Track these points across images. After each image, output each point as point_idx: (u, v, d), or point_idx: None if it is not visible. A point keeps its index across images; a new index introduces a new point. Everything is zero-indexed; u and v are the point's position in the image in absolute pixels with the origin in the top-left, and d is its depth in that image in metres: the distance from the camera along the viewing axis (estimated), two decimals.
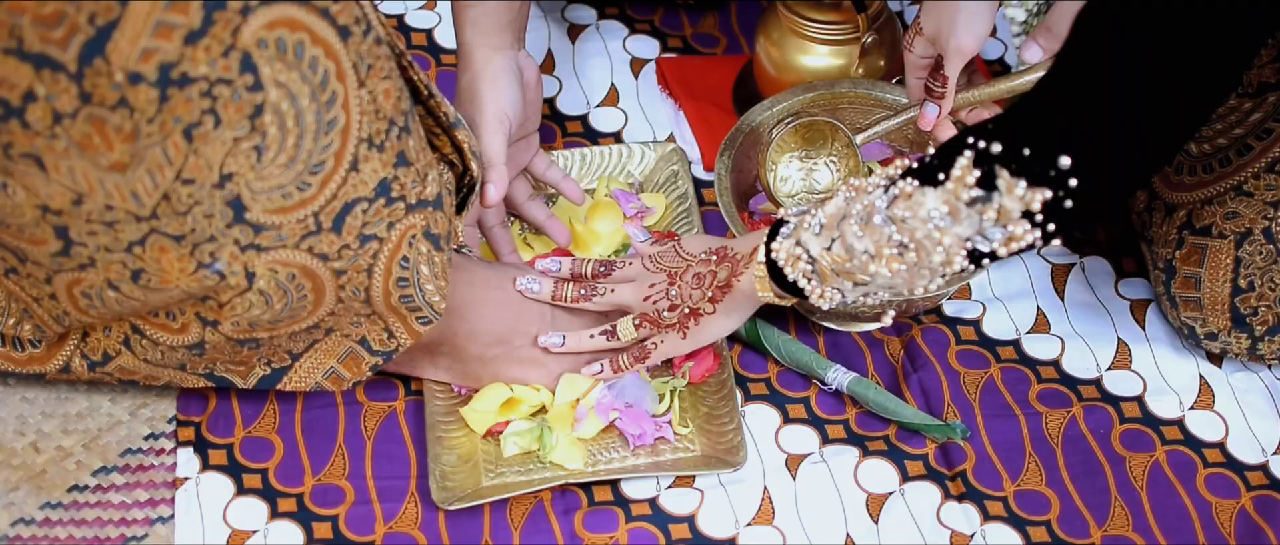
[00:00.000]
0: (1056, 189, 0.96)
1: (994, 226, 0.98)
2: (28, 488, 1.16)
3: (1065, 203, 0.96)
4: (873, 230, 1.03)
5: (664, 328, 1.18)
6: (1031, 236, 0.98)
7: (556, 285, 1.21)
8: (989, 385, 1.25)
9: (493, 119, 1.22)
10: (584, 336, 1.21)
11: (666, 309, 1.17)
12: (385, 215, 1.03)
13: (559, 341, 1.21)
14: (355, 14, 0.95)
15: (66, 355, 1.13)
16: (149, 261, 0.97)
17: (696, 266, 1.17)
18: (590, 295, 1.21)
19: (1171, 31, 0.94)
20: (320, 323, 1.09)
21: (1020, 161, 0.96)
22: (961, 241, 1.00)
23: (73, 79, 0.85)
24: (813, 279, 1.08)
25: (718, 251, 1.16)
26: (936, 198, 1.00)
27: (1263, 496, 1.19)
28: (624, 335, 1.19)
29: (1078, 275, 1.35)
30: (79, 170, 0.90)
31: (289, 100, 0.93)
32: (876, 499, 1.18)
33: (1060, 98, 0.98)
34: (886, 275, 1.03)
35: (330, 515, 1.15)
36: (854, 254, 1.04)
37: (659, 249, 1.22)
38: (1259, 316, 1.22)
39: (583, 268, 1.23)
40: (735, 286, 1.14)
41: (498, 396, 1.20)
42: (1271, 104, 1.21)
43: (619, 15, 1.58)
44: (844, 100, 1.35)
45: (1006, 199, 0.97)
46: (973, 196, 0.98)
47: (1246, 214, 1.20)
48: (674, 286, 1.17)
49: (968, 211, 0.99)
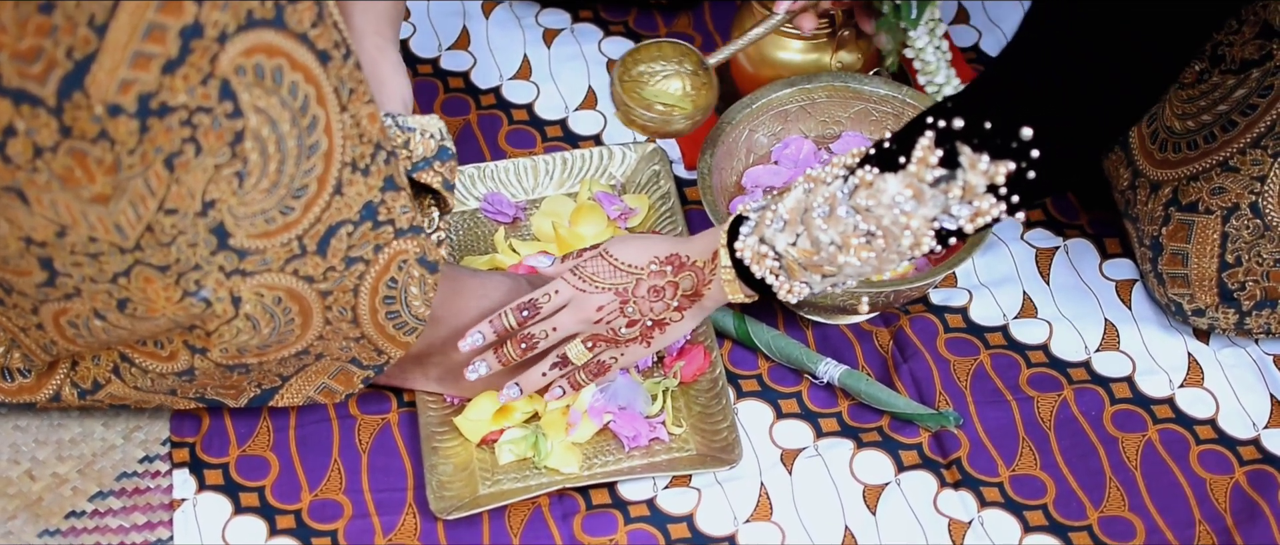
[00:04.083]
0: (1019, 161, 0.97)
1: (959, 204, 0.99)
2: (25, 516, 1.16)
3: (1028, 174, 0.97)
4: (837, 222, 1.03)
5: (623, 343, 1.18)
6: (997, 210, 0.99)
7: (496, 351, 1.18)
8: (979, 372, 1.26)
9: (399, 104, 1.22)
10: (536, 375, 1.18)
11: (624, 325, 1.16)
12: (371, 238, 1.03)
13: (516, 393, 1.18)
14: (334, 38, 0.95)
15: (56, 384, 1.13)
16: (135, 292, 0.97)
17: (649, 279, 1.15)
18: (535, 342, 1.17)
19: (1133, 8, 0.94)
20: (309, 348, 1.09)
21: (982, 136, 0.97)
22: (928, 222, 1.00)
23: (52, 113, 0.85)
24: (780, 275, 1.08)
25: (670, 260, 1.15)
26: (899, 182, 1.00)
27: (1256, 470, 1.20)
28: (577, 359, 1.17)
29: (1062, 258, 1.36)
30: (61, 203, 0.90)
31: (269, 126, 0.93)
32: (873, 490, 1.18)
33: (1020, 70, 0.98)
34: (856, 264, 1.03)
35: (329, 530, 1.15)
36: (821, 247, 1.04)
37: (576, 263, 1.18)
38: (1246, 291, 1.22)
39: (504, 320, 1.17)
40: (705, 294, 1.14)
41: (490, 404, 1.20)
42: (1255, 79, 1.22)
43: (593, 18, 1.58)
44: (821, 94, 1.35)
45: (970, 175, 0.98)
46: (936, 176, 0.99)
47: (1233, 189, 1.21)
48: (629, 304, 1.15)
49: (932, 192, 0.99)
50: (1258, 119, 1.20)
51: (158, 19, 0.85)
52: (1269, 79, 1.20)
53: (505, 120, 1.48)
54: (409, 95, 1.24)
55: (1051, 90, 0.96)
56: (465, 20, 1.58)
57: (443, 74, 1.53)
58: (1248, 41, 1.22)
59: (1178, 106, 1.25)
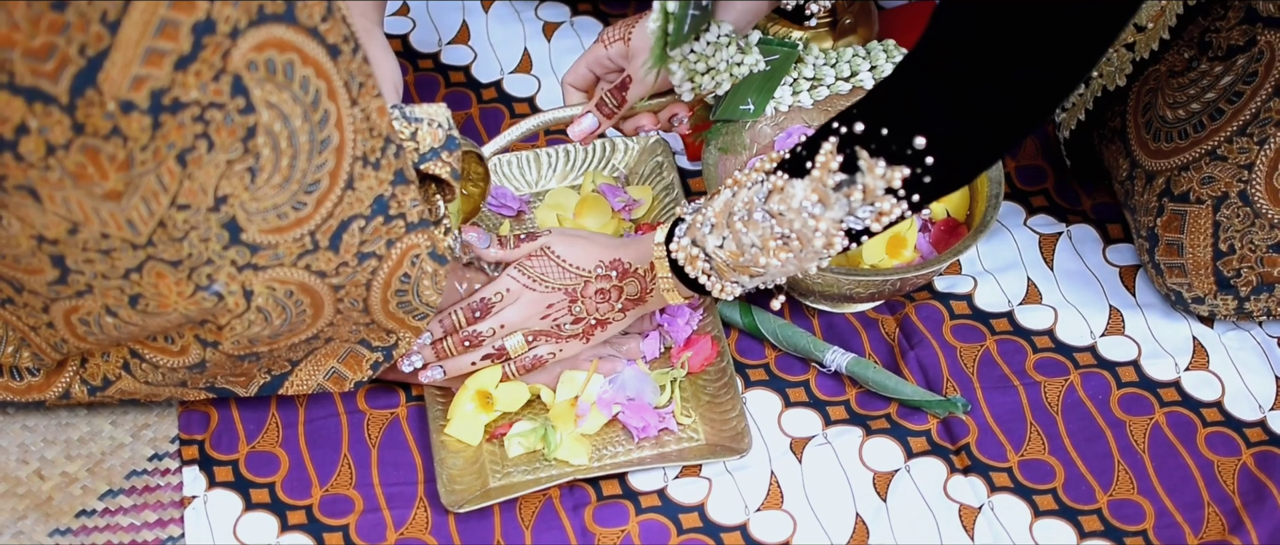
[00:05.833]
0: (914, 167, 0.98)
1: (862, 205, 1.01)
2: (36, 516, 1.16)
3: (924, 178, 0.98)
4: (755, 226, 1.05)
5: (564, 339, 1.19)
6: (900, 209, 1.00)
7: (434, 349, 1.19)
8: (985, 358, 1.26)
9: (390, 86, 1.24)
10: (464, 362, 1.19)
11: (570, 323, 1.18)
12: (383, 233, 1.04)
13: (440, 374, 1.19)
14: (344, 32, 0.95)
15: (66, 382, 1.13)
16: (146, 287, 0.97)
17: (597, 282, 1.18)
18: (480, 339, 1.18)
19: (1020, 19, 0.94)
20: (320, 333, 1.09)
21: (879, 141, 0.98)
22: (836, 224, 1.02)
23: (65, 111, 0.85)
24: (712, 276, 1.10)
25: (614, 264, 1.18)
26: (805, 187, 1.02)
27: (1263, 452, 1.20)
28: (514, 351, 1.19)
29: (1065, 244, 1.36)
30: (74, 200, 0.90)
31: (281, 121, 0.93)
32: (883, 477, 1.19)
33: (917, 80, 1.00)
34: (777, 265, 1.05)
35: (340, 525, 1.16)
36: (744, 248, 1.06)
37: (521, 253, 1.19)
38: (1242, 278, 1.23)
39: (452, 318, 1.19)
40: (648, 299, 1.17)
41: (466, 403, 1.20)
42: (1240, 67, 1.22)
43: (592, 10, 1.58)
44: None
45: (868, 178, 0.99)
46: (837, 181, 1.00)
47: (1222, 178, 1.21)
48: (577, 303, 1.18)
49: (836, 196, 1.01)
50: (1243, 106, 1.21)
51: (170, 15, 0.85)
52: (1254, 65, 1.21)
53: (507, 114, 1.48)
54: (399, 77, 1.25)
55: (943, 102, 0.98)
56: (465, 15, 1.58)
57: (443, 69, 1.53)
58: (1233, 27, 1.23)
59: (1169, 95, 1.26)
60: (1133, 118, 1.29)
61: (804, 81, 1.30)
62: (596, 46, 1.24)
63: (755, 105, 1.28)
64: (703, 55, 1.20)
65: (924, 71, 0.99)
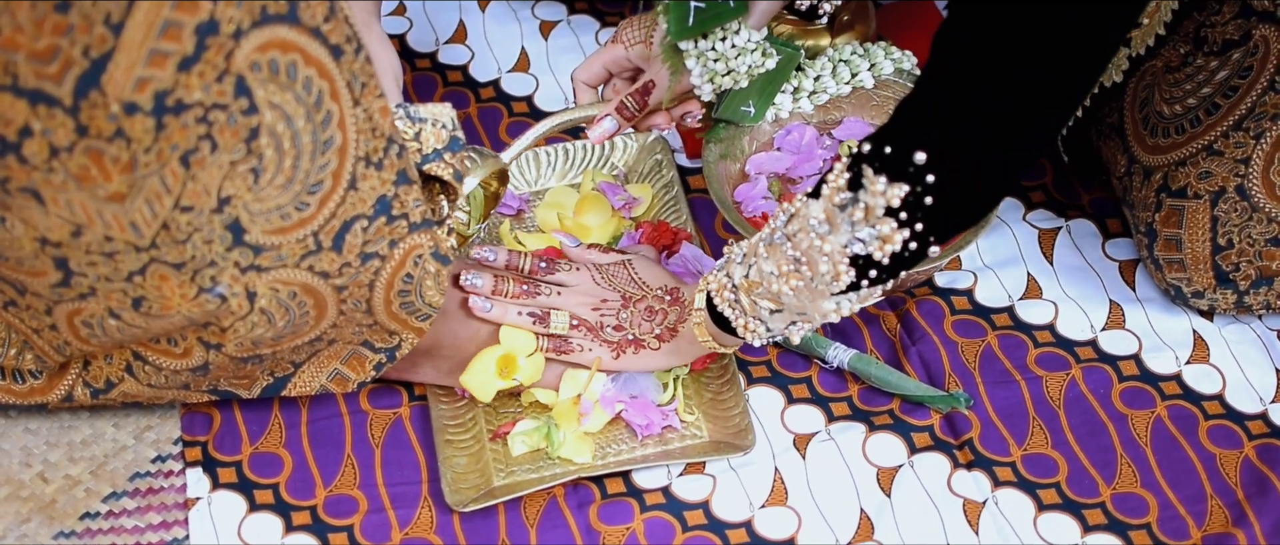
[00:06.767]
0: (914, 184, 0.97)
1: (864, 226, 1.00)
2: (40, 518, 1.16)
3: (925, 199, 0.98)
4: (774, 249, 1.05)
5: (600, 340, 1.19)
6: (901, 236, 0.99)
7: (495, 281, 1.20)
8: (987, 353, 1.27)
9: (390, 77, 1.24)
10: (511, 311, 1.20)
11: (612, 327, 1.19)
12: (386, 233, 1.04)
13: (487, 307, 1.19)
14: (346, 33, 0.95)
15: (68, 384, 1.13)
16: (150, 290, 0.97)
17: (651, 300, 1.19)
18: (534, 293, 1.20)
19: (1023, 43, 0.95)
20: (323, 335, 1.09)
21: (882, 158, 0.98)
22: (842, 250, 1.01)
23: (69, 113, 0.85)
24: (736, 308, 1.09)
25: (672, 292, 1.19)
26: (817, 207, 1.02)
27: (1265, 444, 1.21)
28: (555, 327, 1.20)
29: (1064, 239, 1.37)
30: (77, 203, 0.90)
31: (284, 122, 0.93)
32: (887, 473, 1.19)
33: (923, 96, 1.00)
34: (789, 293, 1.05)
35: (345, 526, 1.16)
36: (764, 276, 1.06)
37: (607, 260, 1.23)
38: (1241, 272, 1.23)
39: (520, 262, 1.23)
40: (681, 331, 1.17)
41: (490, 361, 1.20)
42: (1236, 61, 1.22)
43: (589, 9, 1.59)
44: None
45: (868, 196, 0.99)
46: (843, 199, 1.00)
47: (1219, 173, 1.22)
48: (626, 309, 1.19)
49: (842, 216, 1.00)
50: (1238, 101, 1.21)
51: (173, 16, 0.85)
52: (1248, 60, 1.21)
53: (505, 113, 1.49)
54: (399, 69, 1.26)
55: (947, 120, 0.98)
56: (462, 14, 1.58)
57: (441, 68, 1.53)
58: (1228, 22, 1.23)
59: (1165, 91, 1.26)
60: (1130, 113, 1.30)
61: (805, 89, 1.31)
62: (614, 46, 1.25)
63: (756, 109, 1.28)
64: (724, 56, 1.21)
65: (927, 86, 1.00)
